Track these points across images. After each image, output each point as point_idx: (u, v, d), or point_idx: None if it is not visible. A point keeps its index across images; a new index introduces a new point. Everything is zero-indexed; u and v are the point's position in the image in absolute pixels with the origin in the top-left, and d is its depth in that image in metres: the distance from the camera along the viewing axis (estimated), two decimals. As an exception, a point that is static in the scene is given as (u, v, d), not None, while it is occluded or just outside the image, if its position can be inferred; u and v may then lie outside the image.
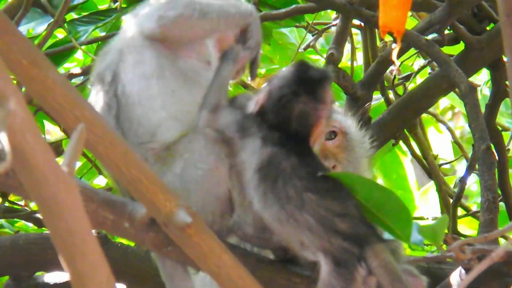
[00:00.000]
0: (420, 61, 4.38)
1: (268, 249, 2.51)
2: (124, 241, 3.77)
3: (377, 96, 4.21)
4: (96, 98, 2.60)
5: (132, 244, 3.71)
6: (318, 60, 4.42)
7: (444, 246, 2.38)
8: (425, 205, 4.68)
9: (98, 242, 3.19)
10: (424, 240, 2.39)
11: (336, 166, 2.99)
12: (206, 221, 2.44)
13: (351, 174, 2.24)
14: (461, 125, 5.23)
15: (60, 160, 2.16)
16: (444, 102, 4.98)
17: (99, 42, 3.79)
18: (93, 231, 3.16)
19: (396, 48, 2.67)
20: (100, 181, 4.45)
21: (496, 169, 3.68)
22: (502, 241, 4.23)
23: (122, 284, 3.48)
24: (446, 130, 4.61)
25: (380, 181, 4.55)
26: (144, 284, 3.37)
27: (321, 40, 4.97)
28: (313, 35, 4.36)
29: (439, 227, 2.20)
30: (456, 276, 3.01)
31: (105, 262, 1.76)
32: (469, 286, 2.91)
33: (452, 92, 4.11)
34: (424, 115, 4.53)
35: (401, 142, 4.27)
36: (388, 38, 3.82)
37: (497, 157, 3.71)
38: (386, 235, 2.30)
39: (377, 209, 2.15)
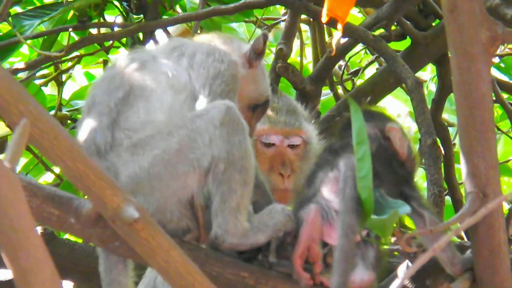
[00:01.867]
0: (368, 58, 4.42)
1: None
2: (72, 238, 3.74)
3: (326, 91, 4.23)
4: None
5: (79, 240, 3.68)
6: (268, 55, 4.43)
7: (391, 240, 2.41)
8: (373, 199, 4.71)
9: (44, 238, 3.16)
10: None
11: (290, 176, 3.00)
12: (163, 219, 2.43)
13: None
14: (408, 126, 5.30)
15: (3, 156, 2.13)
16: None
17: (45, 37, 3.75)
18: (39, 227, 3.13)
19: (338, 34, 2.69)
20: (47, 178, 4.40)
21: (442, 164, 3.74)
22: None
23: (69, 281, 3.44)
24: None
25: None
26: (92, 281, 3.33)
27: (270, 35, 4.98)
28: (262, 30, 4.36)
29: (389, 221, 2.23)
30: (403, 270, 3.05)
31: (49, 258, 1.74)
32: (416, 279, 2.95)
33: (399, 89, 4.16)
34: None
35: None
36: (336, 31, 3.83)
37: (443, 152, 3.76)
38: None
39: None
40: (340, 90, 4.17)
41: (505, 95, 3.96)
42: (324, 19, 2.64)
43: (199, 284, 2.15)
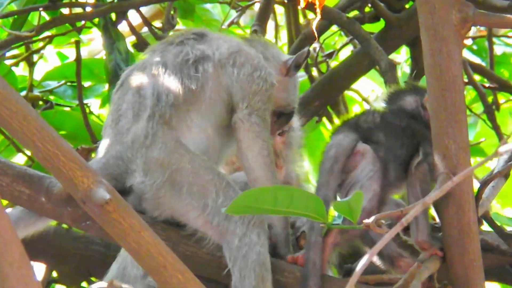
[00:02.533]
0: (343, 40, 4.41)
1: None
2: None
3: (300, 73, 4.23)
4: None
5: (52, 222, 3.66)
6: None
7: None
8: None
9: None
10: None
11: (281, 165, 3.01)
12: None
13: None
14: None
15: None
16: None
17: (15, 16, 3.71)
18: (11, 209, 3.11)
19: (317, 19, 2.70)
20: (19, 160, 4.37)
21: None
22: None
23: (42, 262, 3.43)
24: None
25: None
26: (64, 263, 3.32)
27: (245, 17, 4.97)
28: (236, 12, 4.34)
29: (354, 202, 2.23)
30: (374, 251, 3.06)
31: (17, 239, 1.73)
32: (388, 259, 2.95)
33: (374, 71, 4.16)
34: (347, 94, 4.58)
35: (325, 120, 4.31)
36: (311, 16, 3.83)
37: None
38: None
39: (286, 207, 2.28)
40: (314, 72, 4.17)
41: (477, 77, 3.98)
42: (302, 4, 2.65)
43: (170, 265, 2.15)
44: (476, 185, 2.69)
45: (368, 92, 4.98)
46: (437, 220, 2.61)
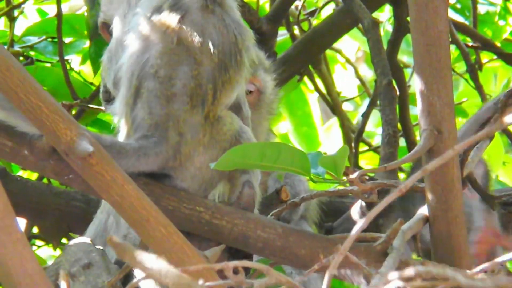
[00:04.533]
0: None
1: None
2: (25, 174, 3.70)
3: (282, 31, 4.20)
4: None
5: (32, 178, 3.64)
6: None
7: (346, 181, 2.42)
8: (329, 141, 4.74)
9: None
10: (326, 174, 2.44)
11: None
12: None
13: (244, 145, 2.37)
14: (363, 74, 5.31)
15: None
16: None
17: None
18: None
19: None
20: None
21: (398, 105, 3.75)
22: (401, 175, 4.34)
23: (22, 218, 3.41)
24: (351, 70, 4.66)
25: (285, 117, 4.58)
26: (45, 218, 3.31)
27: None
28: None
29: (339, 157, 2.23)
30: (356, 209, 3.07)
31: (1, 190, 1.72)
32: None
33: (357, 30, 4.15)
34: (329, 53, 4.56)
35: (306, 79, 4.30)
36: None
37: (398, 93, 3.78)
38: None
39: (273, 162, 2.28)
40: (296, 31, 4.14)
41: (461, 37, 3.98)
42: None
43: (153, 219, 2.15)
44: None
45: (351, 52, 4.97)
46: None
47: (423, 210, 2.59)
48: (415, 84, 2.51)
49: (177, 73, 2.50)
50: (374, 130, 5.31)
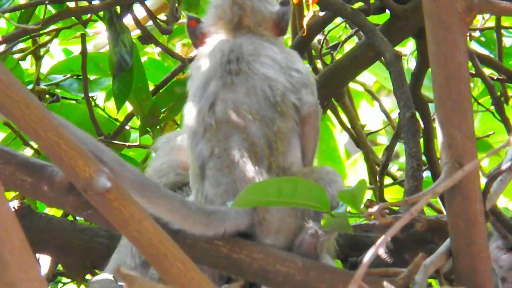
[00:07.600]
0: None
1: None
2: (49, 211, 3.72)
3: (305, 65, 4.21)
4: None
5: (57, 214, 3.66)
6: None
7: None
8: (354, 175, 4.72)
9: (20, 212, 3.12)
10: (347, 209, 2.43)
11: None
12: None
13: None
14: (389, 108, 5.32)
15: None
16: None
17: (22, 10, 3.71)
18: (16, 201, 3.11)
19: (310, 14, 2.71)
20: (27, 153, 4.38)
21: (423, 138, 3.73)
22: (428, 211, 4.29)
23: (47, 255, 3.42)
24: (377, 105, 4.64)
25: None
26: (69, 255, 3.32)
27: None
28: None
29: (358, 191, 2.22)
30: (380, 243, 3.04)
31: (18, 226, 1.73)
32: (395, 253, 2.93)
33: (379, 68, 4.14)
34: (354, 88, 4.56)
35: (330, 114, 4.29)
36: (315, 8, 3.82)
37: (422, 126, 3.75)
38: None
39: (291, 197, 2.30)
40: (319, 64, 4.15)
41: (487, 71, 3.95)
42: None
43: (171, 254, 2.14)
44: (482, 180, 2.66)
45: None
46: (444, 213, 2.59)
47: (446, 245, 2.56)
48: (436, 117, 2.49)
49: (230, 144, 2.63)
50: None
